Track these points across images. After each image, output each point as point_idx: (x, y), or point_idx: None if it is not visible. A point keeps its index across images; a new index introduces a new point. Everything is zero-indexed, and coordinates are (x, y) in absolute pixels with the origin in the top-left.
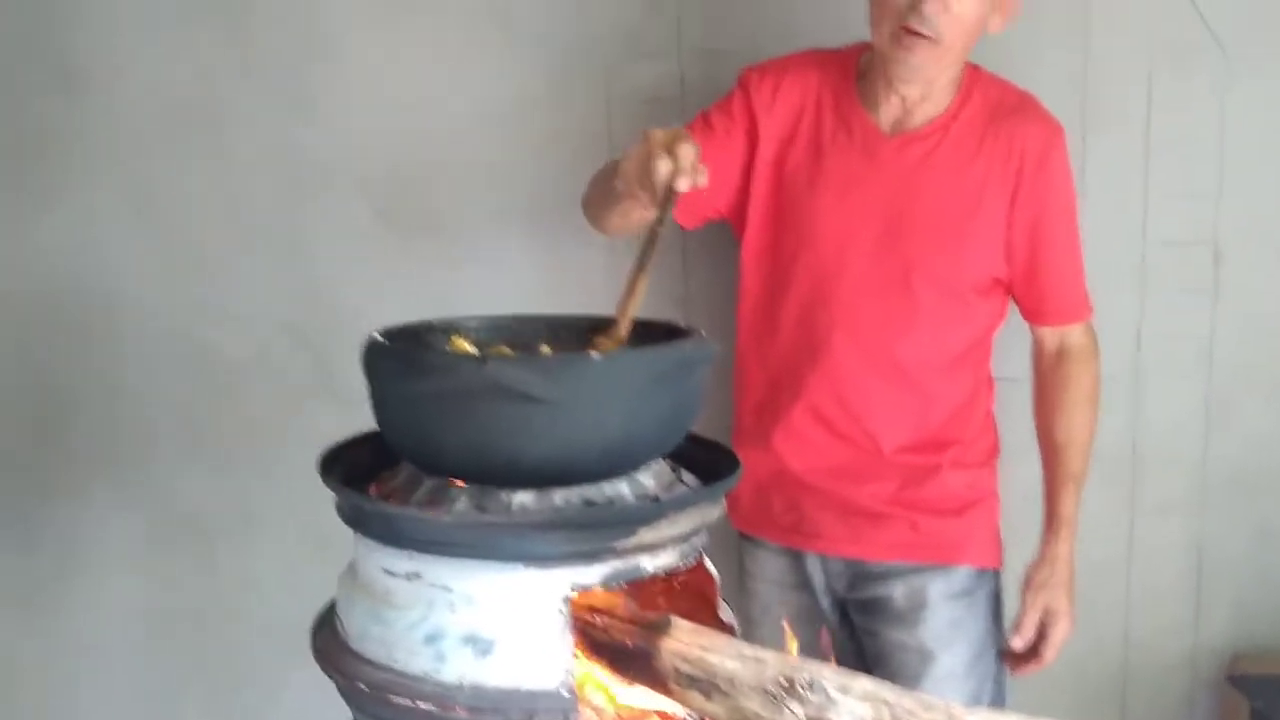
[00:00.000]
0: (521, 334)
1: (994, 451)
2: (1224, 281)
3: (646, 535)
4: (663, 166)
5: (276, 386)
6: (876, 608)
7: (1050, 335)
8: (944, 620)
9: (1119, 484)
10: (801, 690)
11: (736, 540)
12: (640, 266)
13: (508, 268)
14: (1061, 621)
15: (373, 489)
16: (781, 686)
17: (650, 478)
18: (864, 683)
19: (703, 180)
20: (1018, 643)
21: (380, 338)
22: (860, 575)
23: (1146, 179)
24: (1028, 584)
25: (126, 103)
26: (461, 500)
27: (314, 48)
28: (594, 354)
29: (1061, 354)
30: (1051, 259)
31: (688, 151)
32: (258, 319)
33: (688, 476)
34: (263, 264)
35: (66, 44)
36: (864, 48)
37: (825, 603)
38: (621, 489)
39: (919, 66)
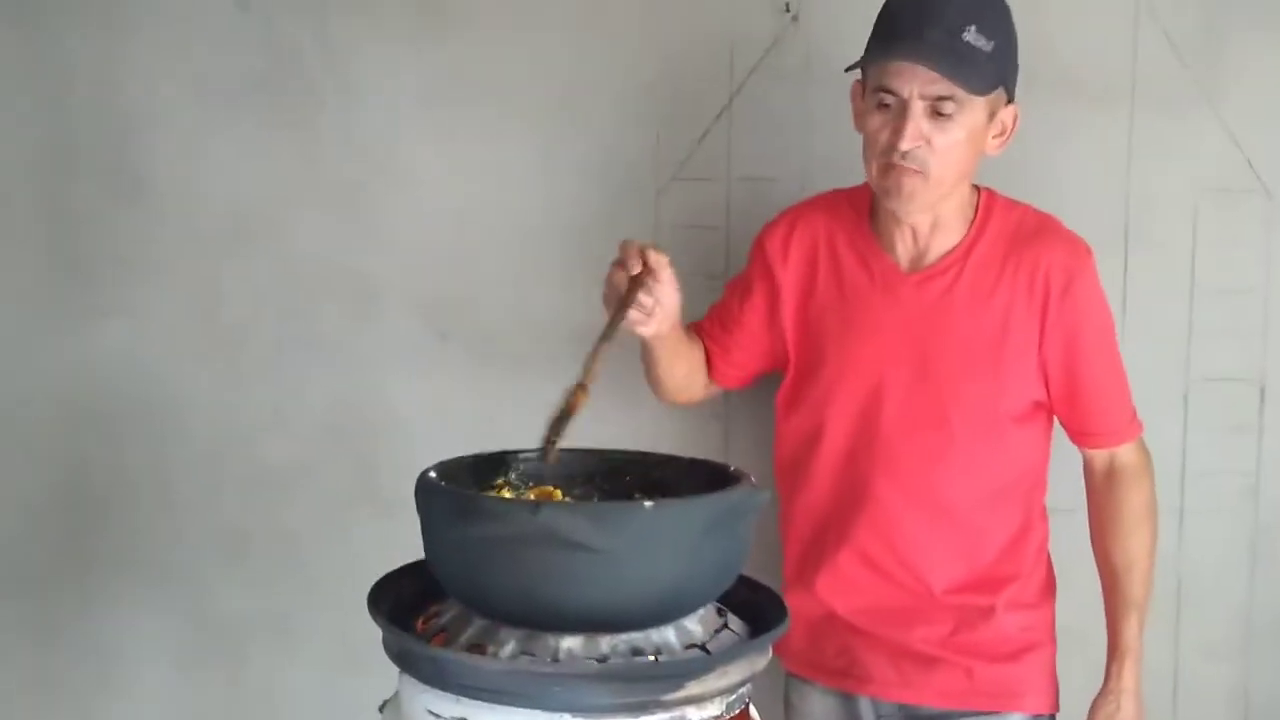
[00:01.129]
0: (570, 470)
1: (1050, 589)
2: (1270, 419)
3: (694, 688)
4: (616, 275)
5: (319, 493)
6: None
7: (1099, 457)
8: None
9: (1164, 623)
10: None
11: (784, 678)
12: (605, 335)
13: (557, 386)
14: None
15: (419, 623)
16: None
17: (697, 623)
18: None
19: (654, 261)
20: None
21: (434, 476)
22: (913, 718)
23: (1191, 314)
24: None
25: (191, 214)
26: (509, 644)
27: (376, 166)
28: (646, 503)
29: (1112, 475)
30: (1091, 381)
31: (628, 247)
32: (306, 426)
33: (734, 621)
34: (316, 373)
35: (135, 154)
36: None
37: None
38: (669, 636)
39: (909, 198)
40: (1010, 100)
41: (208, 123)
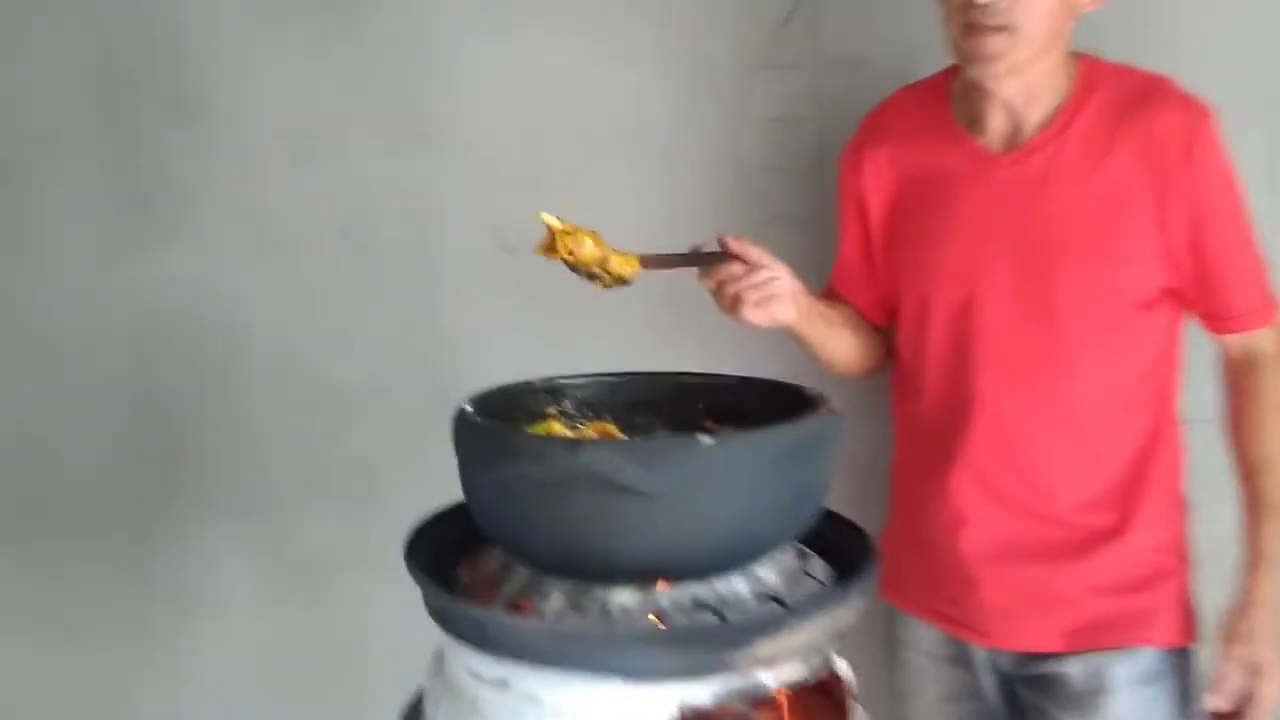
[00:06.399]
0: (633, 397)
1: (1183, 506)
2: None
3: (765, 648)
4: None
5: (393, 420)
6: (1048, 686)
7: (1235, 343)
8: (1128, 708)
9: None
10: None
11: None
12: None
13: (630, 299)
14: (1270, 676)
15: (464, 571)
16: None
17: (771, 570)
18: None
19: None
20: (1217, 704)
21: (470, 410)
22: (1031, 659)
23: None
24: (1225, 635)
25: (248, 133)
26: (555, 596)
27: (437, 78)
28: (703, 438)
29: (1250, 363)
30: (1221, 259)
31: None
32: (376, 351)
33: (817, 565)
34: (383, 295)
35: (188, 75)
36: (950, 74)
37: (987, 680)
38: (737, 586)
39: (995, 59)
40: None
41: (259, 38)
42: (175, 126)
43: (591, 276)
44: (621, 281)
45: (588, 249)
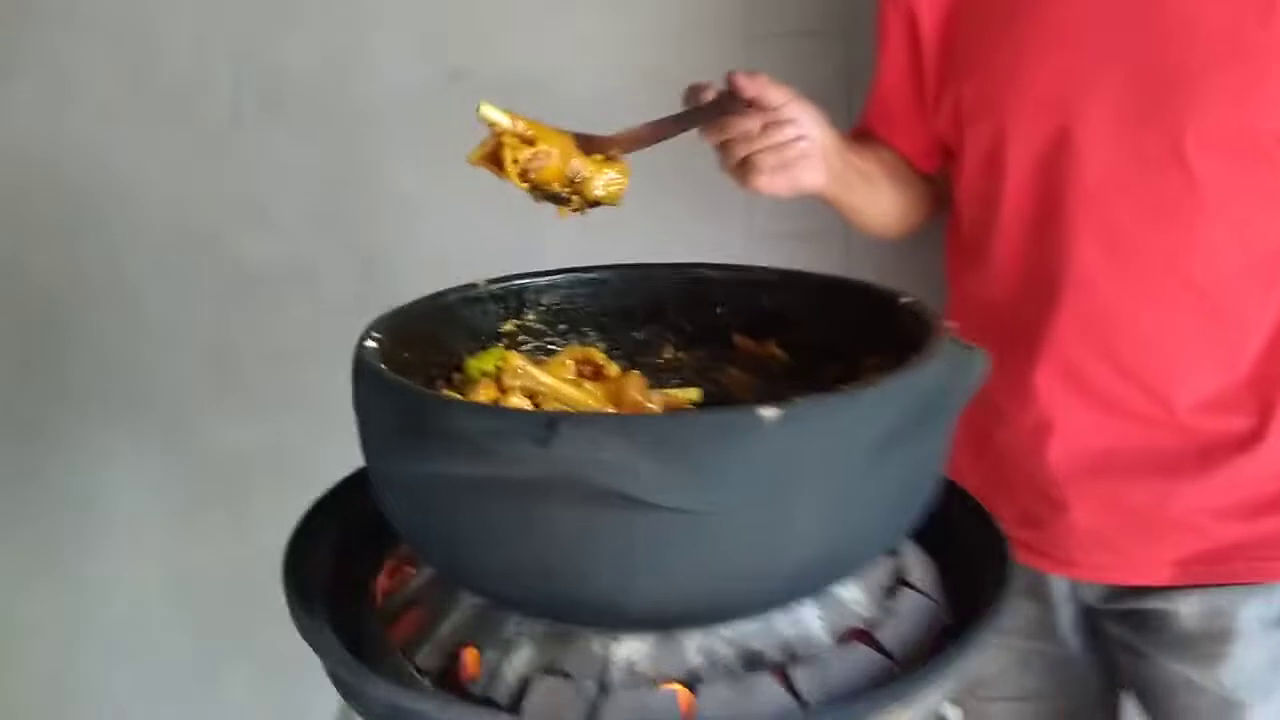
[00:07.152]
0: (626, 301)
1: None
2: None
3: None
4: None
5: (316, 301)
6: (1150, 624)
7: None
8: (1258, 655)
9: None
10: None
11: None
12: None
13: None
14: None
15: (382, 577)
16: None
17: (857, 588)
18: None
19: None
20: None
21: (372, 347)
22: (1125, 594)
23: None
24: None
25: None
26: (520, 647)
27: None
28: (763, 411)
29: None
30: None
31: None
32: (292, 216)
33: (913, 561)
34: (297, 140)
35: None
36: None
37: (1065, 613)
38: (808, 622)
39: None
40: None
41: None
42: None
43: (556, 199)
44: (597, 204)
45: (552, 164)
